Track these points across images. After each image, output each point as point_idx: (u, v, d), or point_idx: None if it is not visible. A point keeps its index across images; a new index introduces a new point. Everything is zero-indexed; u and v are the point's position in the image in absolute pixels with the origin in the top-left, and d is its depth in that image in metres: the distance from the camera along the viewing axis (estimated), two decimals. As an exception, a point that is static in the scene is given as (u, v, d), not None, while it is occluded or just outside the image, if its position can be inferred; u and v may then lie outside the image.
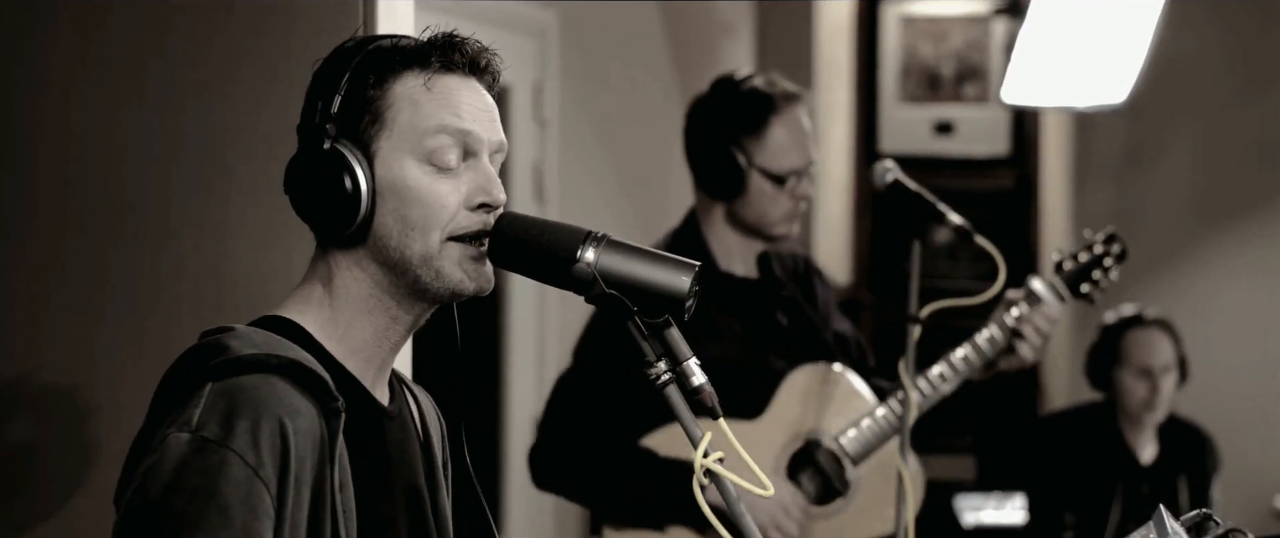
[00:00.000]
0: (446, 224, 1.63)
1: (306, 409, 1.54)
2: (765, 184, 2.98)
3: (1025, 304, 2.99)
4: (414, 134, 1.63)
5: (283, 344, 1.59)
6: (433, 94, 1.65)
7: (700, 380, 1.56)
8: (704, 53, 4.97)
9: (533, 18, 4.14)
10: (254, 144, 2.35)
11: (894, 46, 5.85)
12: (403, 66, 1.66)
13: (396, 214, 1.63)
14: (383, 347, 1.68)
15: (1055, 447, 4.26)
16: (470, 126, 1.66)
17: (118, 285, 2.47)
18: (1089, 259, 3.05)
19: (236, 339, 1.57)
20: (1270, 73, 5.73)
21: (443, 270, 1.64)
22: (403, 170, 1.63)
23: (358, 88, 1.65)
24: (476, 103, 1.69)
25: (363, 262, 1.65)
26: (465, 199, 1.64)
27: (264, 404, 1.52)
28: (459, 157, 1.65)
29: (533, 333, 4.11)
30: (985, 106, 5.79)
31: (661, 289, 1.58)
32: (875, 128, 5.84)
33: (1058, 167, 5.88)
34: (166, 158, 2.44)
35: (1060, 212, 5.88)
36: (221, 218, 2.39)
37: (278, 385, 1.53)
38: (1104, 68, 4.21)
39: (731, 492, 1.54)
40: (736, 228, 3.04)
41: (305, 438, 1.53)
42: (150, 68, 2.46)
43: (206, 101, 2.41)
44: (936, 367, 3.00)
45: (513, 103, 4.09)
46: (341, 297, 1.66)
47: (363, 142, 1.64)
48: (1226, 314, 5.65)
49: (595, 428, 2.95)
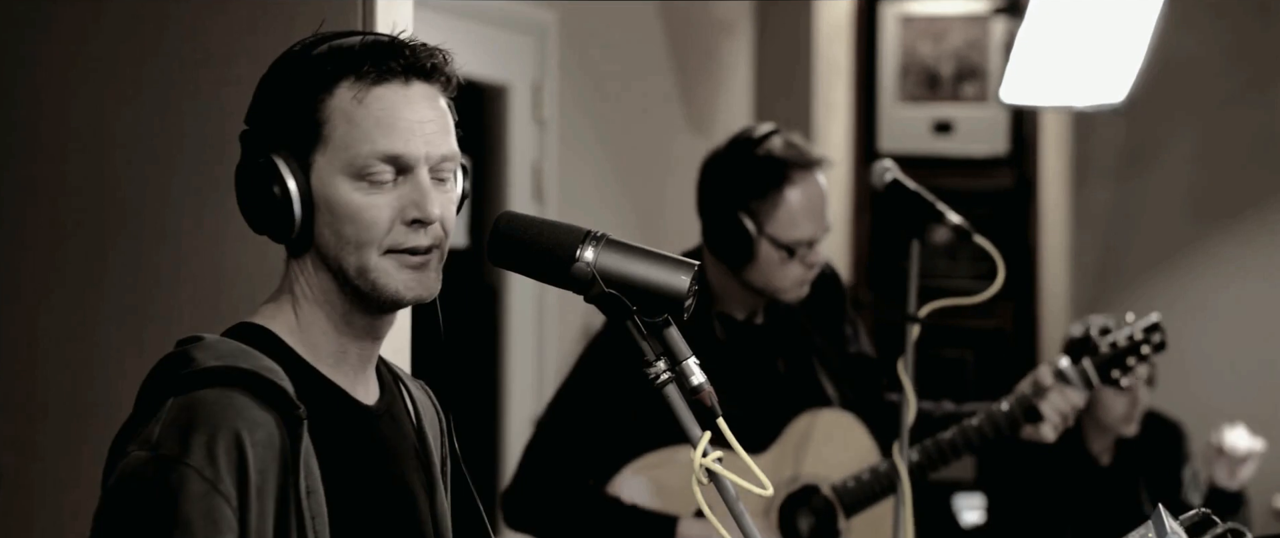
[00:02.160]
0: (380, 240, 1.63)
1: (266, 420, 1.55)
2: (774, 252, 2.88)
3: (1051, 384, 2.91)
4: (346, 153, 1.62)
5: (247, 354, 1.59)
6: (366, 110, 1.62)
7: (699, 380, 1.56)
8: (703, 52, 4.97)
9: (532, 17, 4.13)
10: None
11: (893, 46, 5.85)
12: (338, 77, 1.63)
13: (331, 228, 1.64)
14: (350, 349, 1.69)
15: (1014, 449, 4.22)
16: (401, 150, 1.63)
17: (117, 285, 2.47)
18: (1126, 345, 2.95)
19: (201, 350, 1.58)
20: (1270, 72, 5.73)
21: (378, 283, 1.64)
22: (335, 187, 1.63)
23: (294, 100, 1.64)
24: (413, 115, 1.64)
25: (315, 268, 1.67)
26: (398, 214, 1.64)
27: (221, 418, 1.53)
28: (393, 174, 1.63)
29: (532, 332, 4.11)
30: (984, 106, 5.79)
31: (660, 288, 1.57)
32: (874, 127, 5.83)
33: (1057, 166, 5.88)
34: (165, 157, 2.44)
35: (1059, 211, 5.88)
36: (220, 217, 2.39)
37: (236, 398, 1.54)
38: (1103, 67, 4.21)
39: (731, 491, 1.54)
40: (743, 287, 2.96)
41: (265, 449, 1.54)
42: (149, 67, 2.46)
43: (205, 100, 2.41)
44: (949, 433, 2.96)
45: (512, 102, 4.09)
46: (302, 302, 1.68)
47: (300, 154, 1.64)
48: (1225, 314, 5.65)
49: (567, 476, 2.92)
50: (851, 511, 2.97)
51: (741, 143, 2.93)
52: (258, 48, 2.37)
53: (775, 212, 2.87)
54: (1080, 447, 4.10)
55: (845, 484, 2.96)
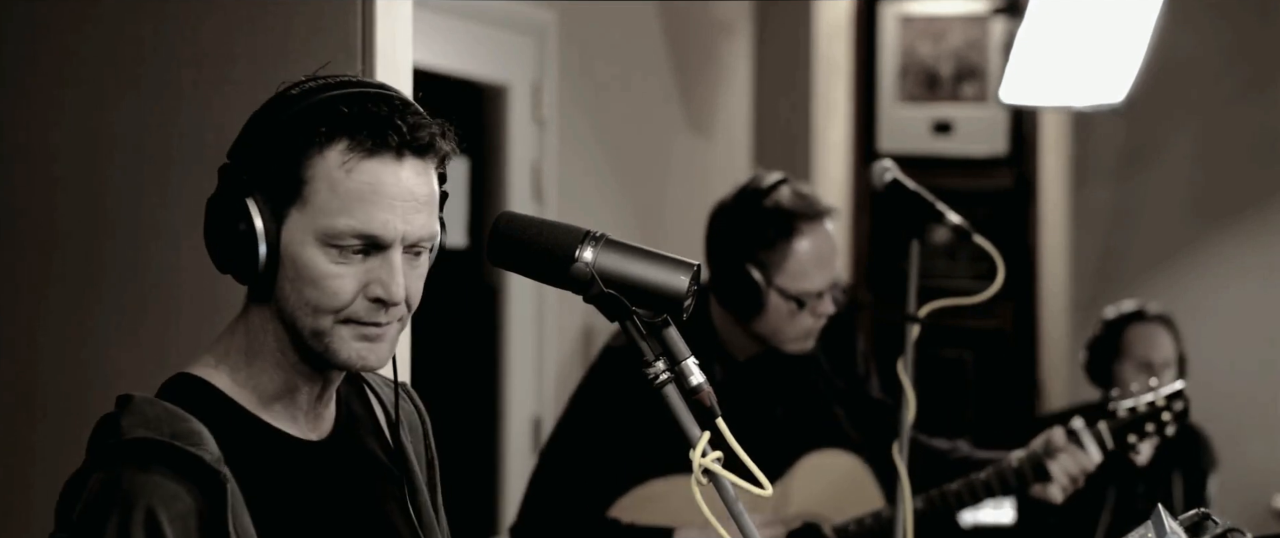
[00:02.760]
0: (340, 310, 1.62)
1: (182, 493, 1.55)
2: (783, 304, 2.87)
3: (1063, 446, 2.89)
4: (323, 220, 1.60)
5: (171, 419, 1.58)
6: (352, 182, 1.60)
7: (698, 380, 1.55)
8: (703, 52, 4.97)
9: (531, 17, 4.13)
10: (252, 143, 2.35)
11: (892, 46, 5.85)
12: (331, 139, 1.60)
13: (293, 286, 1.63)
14: (300, 397, 1.69)
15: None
16: (377, 232, 1.60)
17: (113, 285, 2.46)
18: (1147, 412, 2.94)
19: (129, 416, 1.58)
20: (1269, 71, 5.73)
21: (331, 347, 1.64)
22: (304, 248, 1.61)
23: (282, 151, 1.61)
24: (399, 193, 1.61)
25: (272, 317, 1.65)
26: (363, 289, 1.62)
27: (135, 498, 1.53)
28: (364, 247, 1.61)
29: (532, 332, 4.10)
30: (984, 106, 5.79)
31: (660, 288, 1.57)
32: (874, 127, 5.83)
33: (1056, 166, 5.88)
34: (161, 157, 2.44)
35: (1059, 211, 5.88)
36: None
37: (152, 477, 1.54)
38: (1103, 67, 4.21)
39: (730, 491, 1.53)
40: (748, 335, 2.95)
41: (182, 521, 1.54)
42: (144, 67, 2.46)
43: (202, 101, 2.41)
44: (955, 484, 2.95)
45: (511, 102, 4.08)
46: (254, 345, 1.67)
47: (276, 204, 1.61)
48: (1225, 314, 5.65)
49: (572, 506, 2.90)
50: None
51: (749, 194, 2.90)
52: (254, 48, 2.37)
53: (784, 263, 2.85)
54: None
55: (847, 527, 2.97)
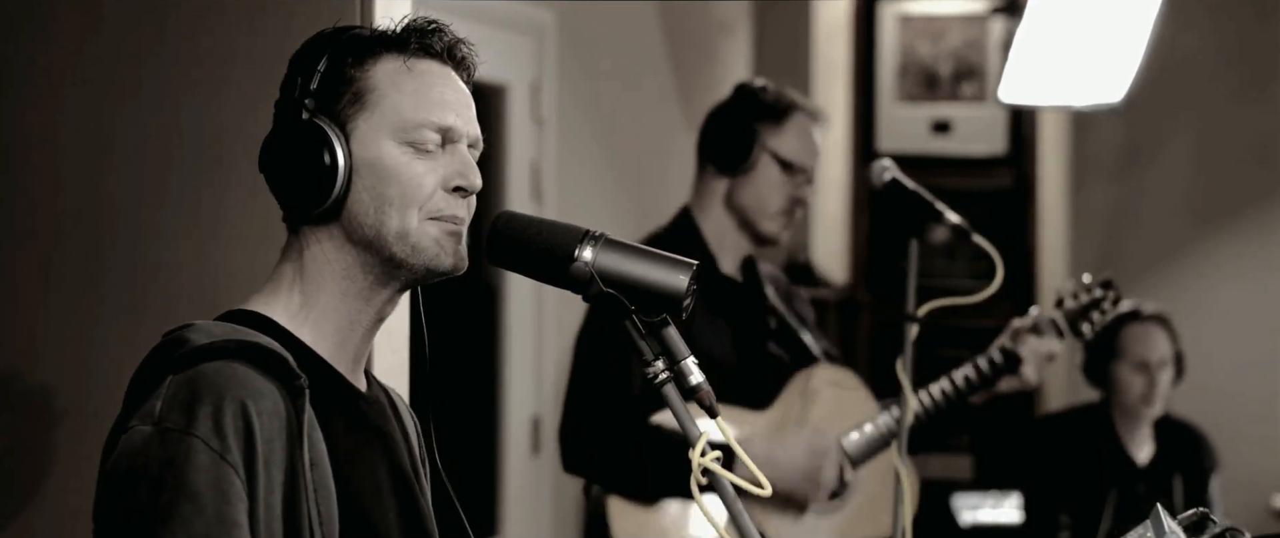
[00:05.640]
0: (423, 203, 1.65)
1: (269, 390, 1.53)
2: (773, 168, 3.04)
3: (1026, 327, 3.09)
4: (397, 117, 1.65)
5: (243, 331, 1.59)
6: (416, 79, 1.66)
7: (697, 379, 1.55)
8: (702, 52, 4.97)
9: (530, 16, 4.13)
10: (250, 143, 2.33)
11: (891, 45, 5.85)
12: (382, 49, 1.67)
13: (372, 191, 1.64)
14: (355, 331, 1.68)
15: (1051, 447, 4.26)
16: (451, 122, 1.67)
17: (114, 284, 2.46)
18: (1088, 301, 3.19)
19: (195, 332, 1.57)
20: (1268, 71, 5.73)
21: (418, 245, 1.65)
22: (381, 150, 1.64)
23: (337, 68, 1.66)
24: (455, 97, 1.69)
25: (336, 239, 1.66)
26: (442, 181, 1.66)
27: (225, 388, 1.51)
28: (438, 143, 1.66)
29: (531, 332, 4.11)
30: (983, 106, 5.79)
31: (659, 288, 1.57)
32: (873, 127, 5.83)
33: (1055, 166, 5.88)
34: (162, 157, 2.44)
35: (1058, 211, 5.88)
36: (217, 217, 2.39)
37: (238, 369, 1.53)
38: (1101, 67, 4.21)
39: (730, 490, 1.53)
40: (732, 214, 3.07)
41: (270, 418, 1.52)
42: (146, 67, 2.46)
43: (202, 100, 2.41)
44: (938, 383, 3.05)
45: (510, 102, 4.09)
46: (313, 280, 1.66)
47: (340, 119, 1.65)
48: (1224, 314, 5.65)
49: (612, 408, 2.92)
50: (857, 461, 3.03)
51: (747, 87, 3.12)
52: (255, 49, 2.37)
53: (781, 133, 3.05)
54: (1116, 444, 4.14)
55: (849, 434, 3.00)
